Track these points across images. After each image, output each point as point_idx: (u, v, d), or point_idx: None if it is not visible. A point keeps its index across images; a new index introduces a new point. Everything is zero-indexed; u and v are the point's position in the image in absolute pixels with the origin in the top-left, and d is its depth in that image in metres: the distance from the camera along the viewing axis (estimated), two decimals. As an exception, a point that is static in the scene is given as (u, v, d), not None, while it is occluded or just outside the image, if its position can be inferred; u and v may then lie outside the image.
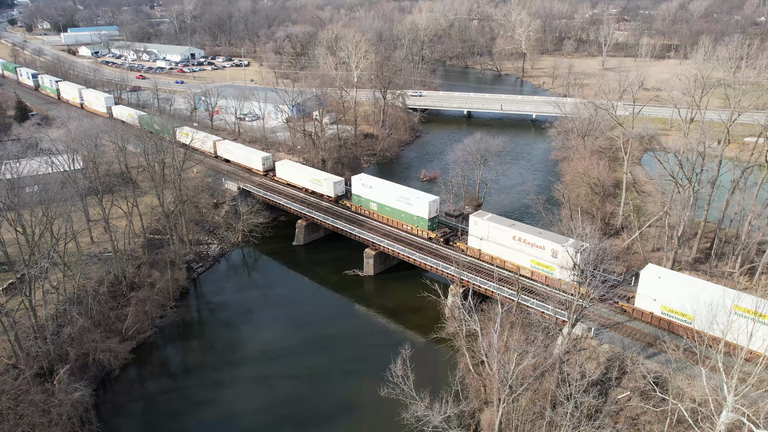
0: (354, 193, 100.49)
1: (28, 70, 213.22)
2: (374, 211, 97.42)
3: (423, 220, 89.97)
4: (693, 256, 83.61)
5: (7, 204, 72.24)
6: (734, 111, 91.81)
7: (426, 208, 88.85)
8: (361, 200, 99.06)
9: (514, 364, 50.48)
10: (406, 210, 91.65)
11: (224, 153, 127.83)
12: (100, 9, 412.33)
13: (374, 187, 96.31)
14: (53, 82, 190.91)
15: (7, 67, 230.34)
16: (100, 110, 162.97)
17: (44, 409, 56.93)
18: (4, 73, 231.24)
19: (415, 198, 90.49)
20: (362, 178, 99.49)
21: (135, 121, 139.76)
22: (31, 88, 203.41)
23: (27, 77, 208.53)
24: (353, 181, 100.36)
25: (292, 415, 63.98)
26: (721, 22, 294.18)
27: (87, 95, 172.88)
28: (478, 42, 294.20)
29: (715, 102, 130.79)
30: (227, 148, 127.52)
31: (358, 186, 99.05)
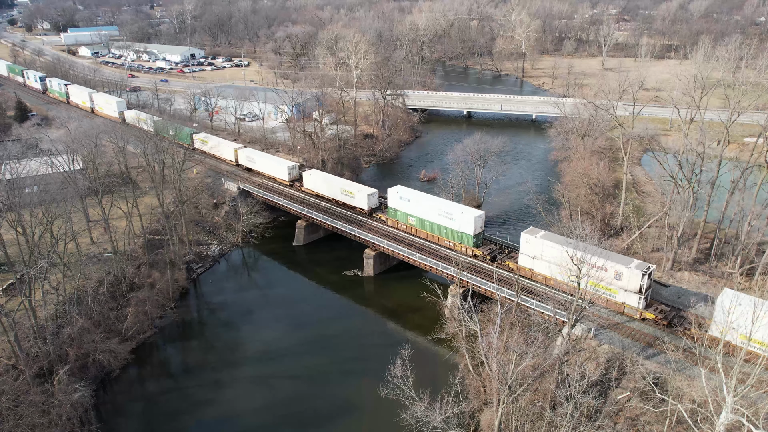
0: (390, 207, 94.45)
1: (35, 72, 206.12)
2: (412, 226, 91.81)
3: (467, 236, 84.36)
4: (693, 256, 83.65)
5: (7, 204, 72.31)
6: (734, 111, 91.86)
7: (471, 224, 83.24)
8: (398, 214, 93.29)
9: (513, 364, 50.51)
10: (449, 225, 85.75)
11: (247, 161, 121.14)
12: (100, 9, 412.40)
13: (413, 200, 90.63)
14: (62, 86, 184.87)
15: (13, 69, 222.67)
16: (112, 115, 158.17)
17: (44, 409, 56.96)
18: (10, 75, 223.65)
19: (459, 213, 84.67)
20: (399, 191, 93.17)
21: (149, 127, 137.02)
22: (39, 91, 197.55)
23: (35, 80, 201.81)
24: (389, 193, 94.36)
25: (292, 415, 64.01)
26: (720, 22, 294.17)
27: (98, 99, 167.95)
28: (478, 42, 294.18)
29: (714, 102, 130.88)
30: (250, 157, 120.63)
31: (395, 199, 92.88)
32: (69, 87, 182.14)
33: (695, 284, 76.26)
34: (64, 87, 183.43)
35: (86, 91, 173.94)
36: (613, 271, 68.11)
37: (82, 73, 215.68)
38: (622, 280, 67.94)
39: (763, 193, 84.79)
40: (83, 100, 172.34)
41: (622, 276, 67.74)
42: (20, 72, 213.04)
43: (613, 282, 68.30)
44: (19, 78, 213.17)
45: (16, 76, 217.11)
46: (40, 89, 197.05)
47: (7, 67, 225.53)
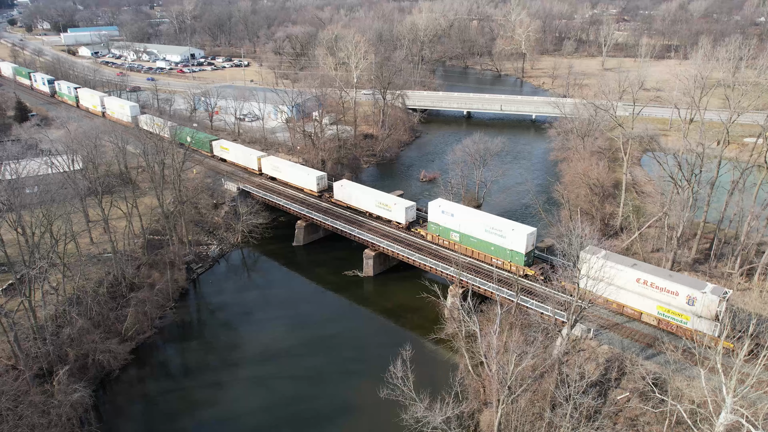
0: (431, 221, 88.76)
1: (43, 75, 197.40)
2: (456, 242, 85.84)
3: (518, 255, 78.34)
4: (692, 256, 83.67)
5: (7, 205, 72.35)
6: (734, 111, 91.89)
7: (523, 242, 77.27)
8: (440, 229, 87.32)
9: (513, 365, 50.55)
10: (498, 243, 79.14)
11: (271, 170, 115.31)
12: (100, 9, 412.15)
13: (457, 215, 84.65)
14: (72, 89, 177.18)
15: (20, 72, 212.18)
16: (124, 119, 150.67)
17: (44, 410, 56.95)
18: (16, 78, 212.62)
19: (510, 230, 78.70)
20: (441, 204, 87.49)
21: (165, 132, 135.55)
22: (47, 94, 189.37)
23: (42, 83, 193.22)
24: (430, 207, 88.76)
25: (292, 415, 64.02)
26: (720, 22, 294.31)
27: (110, 103, 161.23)
28: (477, 42, 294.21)
29: (714, 102, 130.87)
30: (275, 165, 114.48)
31: (436, 213, 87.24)
32: (79, 90, 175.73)
33: (695, 285, 76.18)
34: (73, 90, 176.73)
35: (97, 95, 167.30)
36: (685, 295, 63.86)
37: (82, 73, 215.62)
38: (695, 305, 63.16)
39: (762, 194, 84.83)
40: (94, 104, 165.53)
41: (696, 301, 63.11)
42: (27, 75, 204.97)
43: (684, 307, 64.05)
44: (26, 81, 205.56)
45: (22, 79, 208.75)
46: (48, 92, 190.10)
47: (13, 69, 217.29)
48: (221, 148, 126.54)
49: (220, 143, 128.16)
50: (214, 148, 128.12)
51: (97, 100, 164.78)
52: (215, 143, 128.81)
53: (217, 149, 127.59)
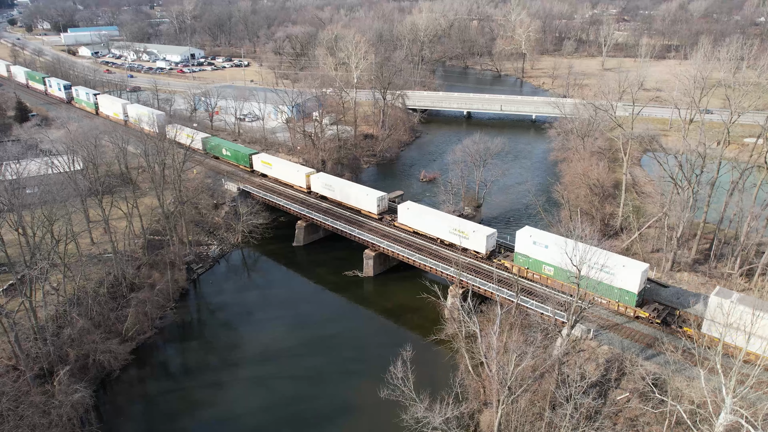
0: (518, 252, 78.14)
1: (59, 81, 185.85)
2: (549, 277, 75.63)
3: (630, 294, 68.51)
4: (692, 257, 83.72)
5: (8, 205, 72.45)
6: (734, 112, 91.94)
7: (636, 280, 67.63)
8: (529, 261, 77.09)
9: (513, 365, 50.64)
10: (604, 280, 66.04)
11: (322, 189, 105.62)
12: (100, 9, 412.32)
13: (552, 247, 72.34)
14: (90, 95, 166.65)
15: (33, 76, 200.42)
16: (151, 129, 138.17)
17: (44, 410, 57.03)
18: (29, 83, 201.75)
19: (620, 266, 68.19)
20: (533, 234, 76.93)
21: (197, 144, 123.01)
22: (63, 100, 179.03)
23: (58, 89, 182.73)
24: (518, 236, 78.02)
25: (292, 415, 64.09)
26: (720, 22, 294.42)
27: (133, 111, 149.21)
28: (477, 42, 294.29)
29: (714, 102, 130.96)
30: (327, 183, 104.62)
31: (526, 243, 76.64)
32: (99, 97, 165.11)
33: (694, 285, 76.36)
34: (92, 97, 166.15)
35: (119, 102, 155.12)
36: None
37: (82, 73, 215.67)
38: None
39: (762, 194, 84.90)
40: (115, 112, 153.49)
41: None
42: (41, 80, 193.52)
43: None
44: (39, 86, 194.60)
45: (36, 84, 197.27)
46: (64, 98, 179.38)
47: (26, 74, 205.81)
48: (262, 163, 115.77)
49: (261, 157, 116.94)
50: (254, 163, 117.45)
51: (119, 108, 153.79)
52: (256, 157, 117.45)
53: (258, 164, 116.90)
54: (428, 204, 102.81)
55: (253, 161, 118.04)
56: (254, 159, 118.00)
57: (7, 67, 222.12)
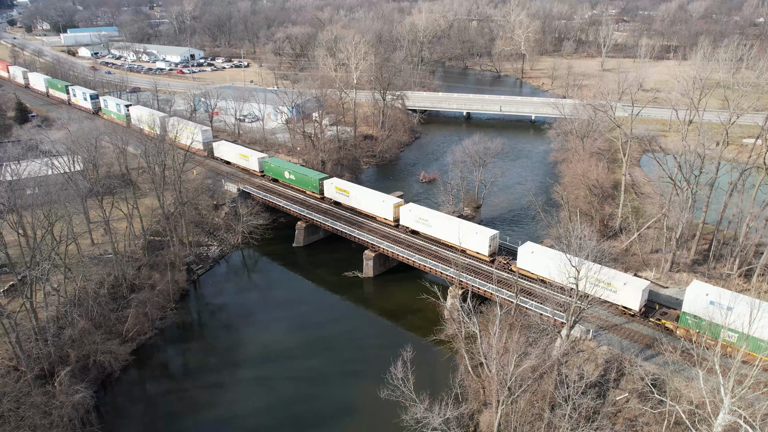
0: (687, 311, 63.70)
1: (84, 90, 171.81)
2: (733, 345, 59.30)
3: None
4: (691, 257, 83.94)
5: (9, 206, 72.59)
6: (733, 112, 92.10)
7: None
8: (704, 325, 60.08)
9: (513, 365, 50.78)
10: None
11: (414, 223, 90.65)
12: (100, 10, 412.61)
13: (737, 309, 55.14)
14: (122, 107, 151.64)
15: (54, 85, 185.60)
16: (194, 146, 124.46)
17: (45, 411, 57.17)
18: (49, 92, 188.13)
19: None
20: (709, 292, 62.38)
21: (252, 164, 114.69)
22: (89, 111, 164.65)
23: (83, 98, 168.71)
24: (687, 293, 64.09)
25: (292, 416, 64.25)
26: (720, 23, 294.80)
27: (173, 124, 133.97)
28: (477, 43, 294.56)
29: (714, 103, 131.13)
30: (421, 217, 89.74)
31: (699, 301, 62.06)
32: (132, 109, 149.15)
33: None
34: (124, 108, 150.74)
35: (156, 116, 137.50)
36: None
37: (82, 74, 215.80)
38: None
39: (761, 195, 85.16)
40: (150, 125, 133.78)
41: None
42: (64, 88, 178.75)
43: None
44: (62, 95, 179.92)
45: (58, 93, 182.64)
46: (90, 109, 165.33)
47: (47, 82, 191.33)
48: (336, 190, 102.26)
49: (333, 183, 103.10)
50: (326, 189, 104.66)
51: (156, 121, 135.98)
52: (328, 183, 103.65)
53: (329, 190, 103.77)
54: (429, 205, 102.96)
55: (324, 187, 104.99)
56: (326, 185, 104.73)
57: (24, 74, 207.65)
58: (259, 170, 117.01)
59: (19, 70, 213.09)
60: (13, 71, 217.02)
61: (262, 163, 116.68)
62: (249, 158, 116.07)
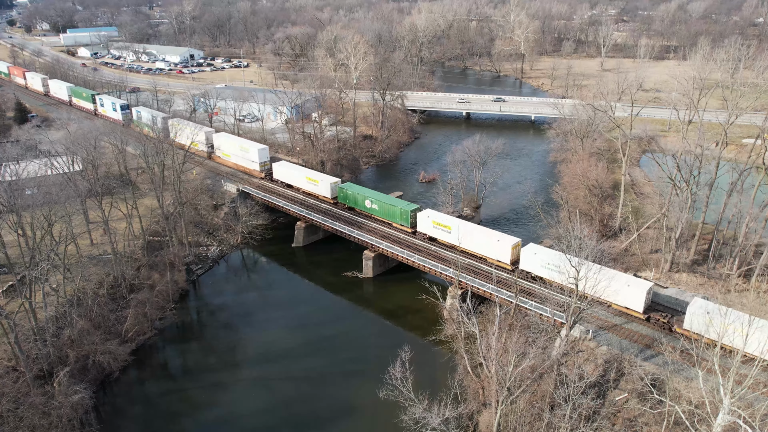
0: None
1: (114, 100, 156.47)
2: None
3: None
4: (691, 257, 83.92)
5: (8, 206, 72.57)
6: (732, 113, 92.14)
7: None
8: None
9: (512, 366, 50.77)
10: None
11: (540, 268, 75.61)
12: (99, 10, 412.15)
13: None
14: (158, 119, 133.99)
15: (79, 93, 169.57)
16: (249, 166, 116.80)
17: (44, 411, 57.15)
18: (72, 100, 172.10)
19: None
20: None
21: (322, 190, 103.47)
22: (119, 123, 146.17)
23: (112, 109, 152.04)
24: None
25: (292, 416, 64.24)
26: (719, 23, 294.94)
27: (223, 142, 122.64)
28: (477, 43, 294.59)
29: (713, 103, 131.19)
30: (548, 261, 73.95)
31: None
32: (171, 122, 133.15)
33: (693, 286, 76.56)
34: (161, 121, 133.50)
35: (202, 131, 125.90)
36: None
37: (82, 74, 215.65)
38: None
39: (760, 195, 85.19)
40: (194, 141, 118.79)
41: None
42: (90, 98, 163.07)
43: None
44: (86, 104, 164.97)
45: (83, 102, 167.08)
46: (120, 121, 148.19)
47: (70, 90, 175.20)
48: (434, 224, 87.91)
49: (431, 216, 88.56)
50: (420, 221, 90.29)
51: (202, 137, 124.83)
52: (422, 216, 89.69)
53: (425, 224, 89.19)
54: (429, 205, 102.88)
55: (418, 220, 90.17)
56: (419, 218, 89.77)
57: (43, 81, 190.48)
58: (331, 197, 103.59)
59: (37, 76, 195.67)
60: (31, 78, 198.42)
61: (336, 188, 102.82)
62: (319, 183, 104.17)
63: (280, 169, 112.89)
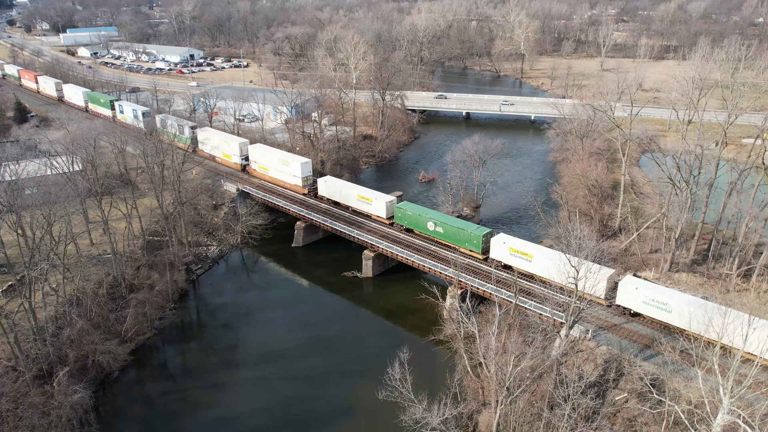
0: None
1: (135, 106, 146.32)
2: None
3: None
4: (691, 257, 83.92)
5: (7, 206, 72.55)
6: (732, 113, 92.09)
7: None
8: None
9: (511, 365, 50.76)
10: None
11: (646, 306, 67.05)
12: (99, 10, 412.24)
13: None
14: (185, 128, 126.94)
15: (96, 99, 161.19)
16: (290, 181, 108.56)
17: (44, 411, 57.14)
18: (89, 106, 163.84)
19: None
20: None
21: (377, 209, 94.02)
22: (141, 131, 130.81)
23: (133, 116, 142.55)
24: None
25: (291, 416, 64.21)
26: (719, 23, 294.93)
27: (261, 155, 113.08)
28: (476, 43, 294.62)
29: (713, 103, 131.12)
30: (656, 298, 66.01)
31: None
32: (199, 131, 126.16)
33: (693, 286, 76.54)
34: (188, 130, 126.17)
35: (235, 142, 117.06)
36: None
37: (82, 74, 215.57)
38: None
39: (760, 195, 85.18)
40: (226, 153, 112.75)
41: None
42: (109, 104, 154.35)
43: None
44: (104, 110, 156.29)
45: (100, 108, 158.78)
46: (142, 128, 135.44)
47: (86, 95, 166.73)
48: (512, 252, 76.52)
49: (507, 242, 78.40)
50: (494, 247, 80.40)
51: (234, 148, 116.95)
52: (497, 241, 79.87)
53: (500, 250, 78.49)
54: (429, 205, 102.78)
55: (492, 246, 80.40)
56: (494, 244, 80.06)
57: (57, 85, 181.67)
58: (386, 216, 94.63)
59: (51, 81, 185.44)
60: (44, 82, 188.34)
61: (393, 208, 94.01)
62: (372, 202, 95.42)
63: (326, 185, 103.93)
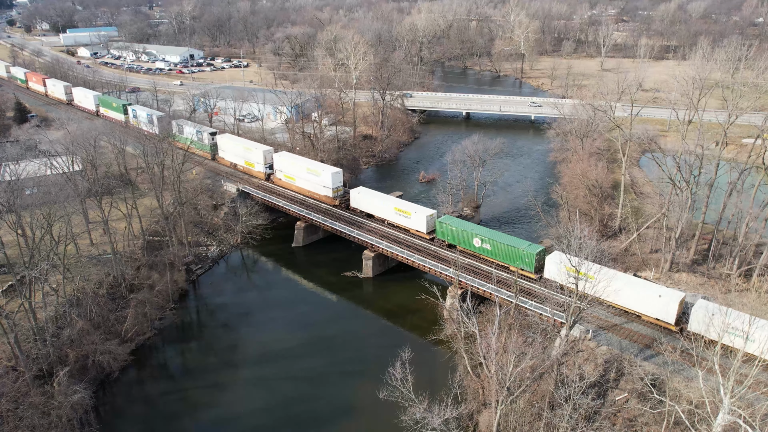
0: None
1: (149, 111, 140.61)
2: None
3: None
4: (691, 257, 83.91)
5: (7, 206, 72.51)
6: (732, 113, 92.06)
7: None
8: None
9: (512, 365, 50.75)
10: None
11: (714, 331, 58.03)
12: (99, 10, 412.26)
13: None
14: (203, 135, 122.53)
15: (108, 103, 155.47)
16: (320, 192, 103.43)
17: (44, 411, 57.11)
18: (100, 110, 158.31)
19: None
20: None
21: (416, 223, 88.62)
22: None
23: (148, 120, 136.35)
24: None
25: (292, 416, 64.18)
26: (719, 23, 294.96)
27: (285, 163, 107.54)
28: (476, 43, 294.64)
29: (713, 103, 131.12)
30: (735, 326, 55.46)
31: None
32: (219, 138, 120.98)
33: (693, 285, 76.54)
34: (207, 137, 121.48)
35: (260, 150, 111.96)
36: None
37: (82, 74, 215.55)
38: None
39: (760, 195, 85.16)
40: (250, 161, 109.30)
41: None
42: (122, 108, 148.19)
43: None
44: (116, 115, 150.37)
45: (112, 113, 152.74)
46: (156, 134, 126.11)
47: (97, 99, 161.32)
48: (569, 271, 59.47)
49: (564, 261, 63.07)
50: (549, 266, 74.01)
51: (258, 156, 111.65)
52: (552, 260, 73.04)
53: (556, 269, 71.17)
54: (429, 204, 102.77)
55: (547, 265, 74.17)
56: (549, 263, 73.68)
57: (66, 89, 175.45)
58: (426, 231, 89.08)
59: (60, 84, 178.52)
60: (52, 85, 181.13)
61: (434, 222, 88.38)
62: (411, 215, 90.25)
63: (359, 197, 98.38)
